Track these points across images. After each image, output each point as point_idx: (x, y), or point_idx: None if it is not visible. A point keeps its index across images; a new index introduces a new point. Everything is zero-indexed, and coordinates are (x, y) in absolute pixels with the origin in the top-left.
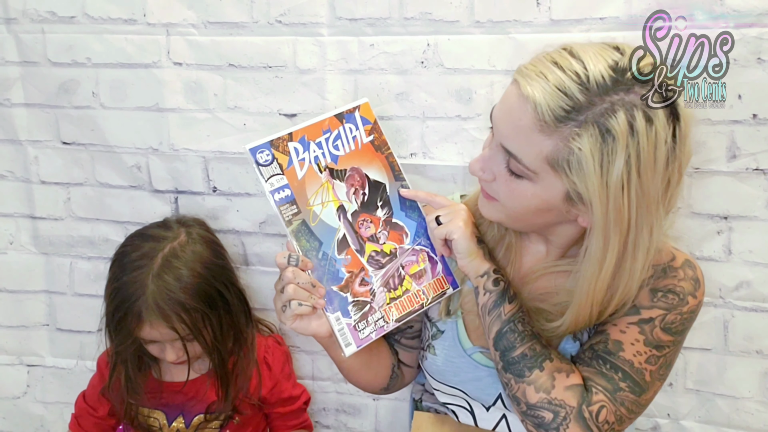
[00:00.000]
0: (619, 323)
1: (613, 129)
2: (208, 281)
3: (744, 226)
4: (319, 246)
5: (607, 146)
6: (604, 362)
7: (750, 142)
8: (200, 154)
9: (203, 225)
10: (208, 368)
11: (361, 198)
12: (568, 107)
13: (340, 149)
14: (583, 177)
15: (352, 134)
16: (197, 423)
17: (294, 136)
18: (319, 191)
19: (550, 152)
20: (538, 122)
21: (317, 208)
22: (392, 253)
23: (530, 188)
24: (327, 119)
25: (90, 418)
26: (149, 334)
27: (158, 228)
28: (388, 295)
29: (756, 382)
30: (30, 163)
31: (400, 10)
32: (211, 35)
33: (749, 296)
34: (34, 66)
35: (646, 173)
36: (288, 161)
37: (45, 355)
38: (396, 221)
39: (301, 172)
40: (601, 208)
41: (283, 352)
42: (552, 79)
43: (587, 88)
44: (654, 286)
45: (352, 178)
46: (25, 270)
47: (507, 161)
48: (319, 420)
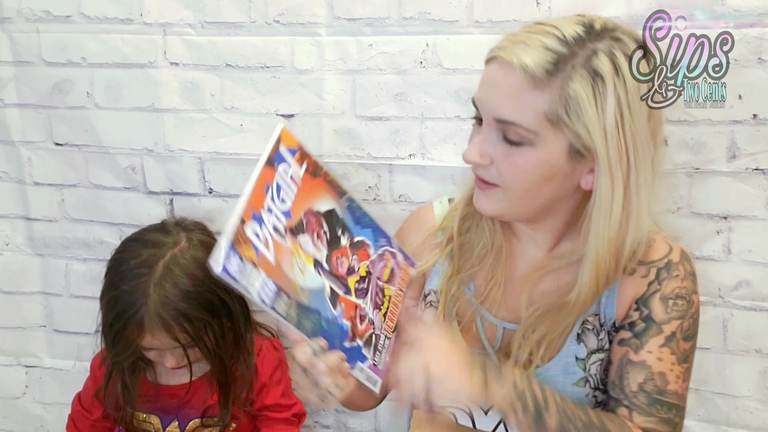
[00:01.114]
0: (653, 350)
1: (600, 70)
2: (210, 289)
3: (744, 226)
4: (319, 316)
5: (598, 87)
6: (661, 405)
7: (750, 142)
8: (196, 155)
9: (203, 229)
10: (202, 372)
11: (325, 238)
12: (554, 59)
13: (286, 200)
14: (583, 120)
15: (288, 175)
16: (192, 428)
17: (245, 218)
18: (293, 261)
19: (547, 107)
20: (529, 80)
21: (300, 280)
22: (368, 272)
23: (533, 154)
24: (260, 175)
25: (85, 420)
26: (150, 343)
27: (157, 232)
28: (380, 313)
29: (755, 381)
30: (23, 164)
31: (398, 9)
32: (208, 35)
33: (749, 295)
34: (28, 66)
35: (635, 111)
36: (255, 252)
37: (43, 356)
38: (357, 239)
39: (271, 254)
40: (603, 149)
41: (277, 357)
42: (532, 43)
43: (567, 42)
44: (663, 293)
45: (310, 224)
46: (20, 271)
47: (504, 133)
48: (318, 420)
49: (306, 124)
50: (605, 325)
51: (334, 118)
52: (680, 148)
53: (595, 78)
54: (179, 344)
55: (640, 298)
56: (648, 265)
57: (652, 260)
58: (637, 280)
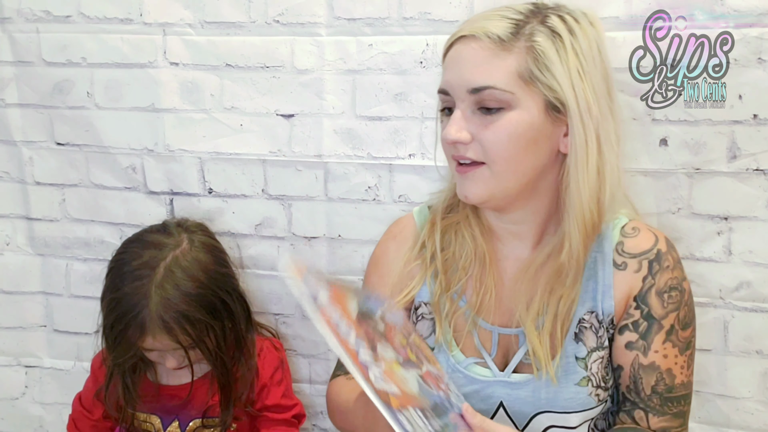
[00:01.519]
0: (658, 348)
1: (555, 28)
2: (212, 291)
3: (744, 227)
4: (436, 403)
5: (557, 43)
6: (672, 403)
7: (750, 143)
8: (196, 155)
9: (205, 230)
10: (203, 372)
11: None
12: (514, 23)
13: (348, 329)
14: (552, 72)
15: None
16: (193, 428)
17: (366, 375)
18: (396, 377)
19: (517, 65)
20: (497, 44)
21: (414, 390)
22: None
23: (513, 116)
24: (355, 332)
25: (86, 420)
26: (151, 345)
27: (158, 233)
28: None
29: (756, 382)
30: (25, 164)
31: (399, 9)
32: (207, 35)
33: (749, 297)
34: (29, 66)
35: (591, 65)
36: (394, 397)
37: (43, 356)
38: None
39: (394, 386)
40: (573, 100)
41: (278, 357)
42: (491, 17)
43: (521, 12)
44: (658, 287)
45: (367, 334)
46: (21, 271)
47: (480, 104)
48: (317, 423)
49: (306, 124)
50: (603, 322)
51: (334, 118)
52: (680, 148)
53: (554, 36)
54: (180, 346)
55: (638, 295)
56: (639, 258)
57: (641, 252)
58: (630, 275)
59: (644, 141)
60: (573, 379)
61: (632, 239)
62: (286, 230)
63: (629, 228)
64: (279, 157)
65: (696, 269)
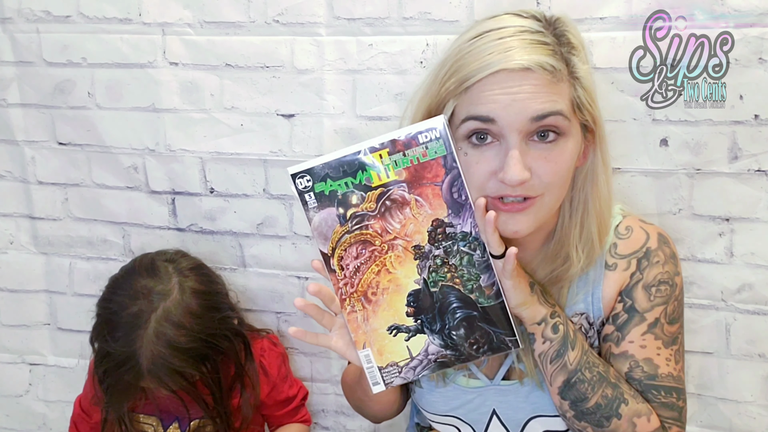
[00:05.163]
0: (634, 339)
1: (576, 44)
2: (205, 341)
3: (746, 228)
4: None
5: (583, 58)
6: (656, 390)
7: (752, 143)
8: (197, 155)
9: (197, 269)
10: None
11: None
12: (551, 50)
13: None
14: (591, 96)
15: None
16: (194, 427)
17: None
18: None
19: (569, 93)
20: (550, 74)
21: None
22: None
23: (569, 145)
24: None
25: (86, 423)
26: (145, 386)
27: (147, 278)
28: None
29: (758, 385)
30: (27, 164)
31: (399, 9)
32: (207, 35)
33: (751, 299)
34: (30, 66)
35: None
36: None
37: (47, 354)
38: None
39: None
40: (600, 118)
41: (279, 353)
42: (520, 45)
43: (542, 32)
44: (645, 281)
45: None
46: (25, 270)
47: (539, 129)
48: (318, 421)
49: (306, 124)
50: (594, 324)
51: (334, 118)
52: (681, 148)
53: (580, 52)
54: (173, 392)
55: (624, 290)
56: (629, 257)
57: (631, 252)
58: (619, 274)
59: (644, 141)
60: None
61: (625, 241)
62: (288, 229)
63: (622, 228)
64: (280, 157)
65: (697, 271)
